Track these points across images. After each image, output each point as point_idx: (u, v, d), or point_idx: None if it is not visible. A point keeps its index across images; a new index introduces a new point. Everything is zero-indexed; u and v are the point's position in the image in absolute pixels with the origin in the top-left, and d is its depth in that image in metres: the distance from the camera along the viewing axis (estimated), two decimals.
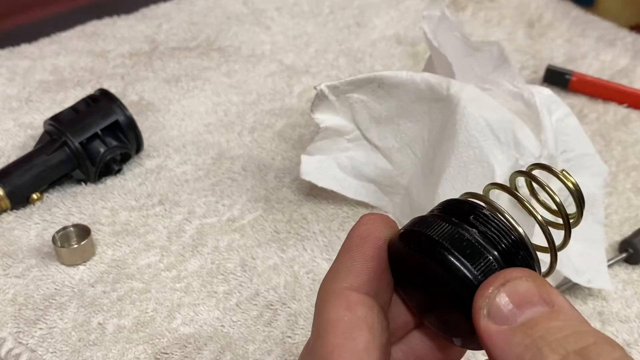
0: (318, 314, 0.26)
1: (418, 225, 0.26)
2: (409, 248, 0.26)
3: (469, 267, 0.24)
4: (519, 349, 0.22)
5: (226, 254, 0.48)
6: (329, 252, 0.48)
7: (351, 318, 0.25)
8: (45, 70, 0.69)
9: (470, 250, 0.24)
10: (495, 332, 0.23)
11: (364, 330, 0.25)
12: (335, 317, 0.25)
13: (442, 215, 0.26)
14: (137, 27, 0.76)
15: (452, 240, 0.24)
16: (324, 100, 0.49)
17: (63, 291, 0.46)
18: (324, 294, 0.26)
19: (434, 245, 0.24)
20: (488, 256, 0.24)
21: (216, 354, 0.42)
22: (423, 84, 0.47)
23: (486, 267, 0.24)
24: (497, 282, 0.23)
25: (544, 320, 0.22)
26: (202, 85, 0.66)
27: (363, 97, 0.49)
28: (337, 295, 0.26)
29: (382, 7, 0.78)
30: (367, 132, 0.50)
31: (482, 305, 0.23)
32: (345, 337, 0.24)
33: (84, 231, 0.49)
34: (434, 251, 0.24)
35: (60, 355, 0.42)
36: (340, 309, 0.25)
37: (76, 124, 0.54)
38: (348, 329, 0.25)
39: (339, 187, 0.51)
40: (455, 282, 0.24)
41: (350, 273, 0.26)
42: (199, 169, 0.56)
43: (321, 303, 0.26)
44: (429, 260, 0.25)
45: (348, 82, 0.49)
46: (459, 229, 0.25)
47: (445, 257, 0.24)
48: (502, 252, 0.24)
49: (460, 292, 0.24)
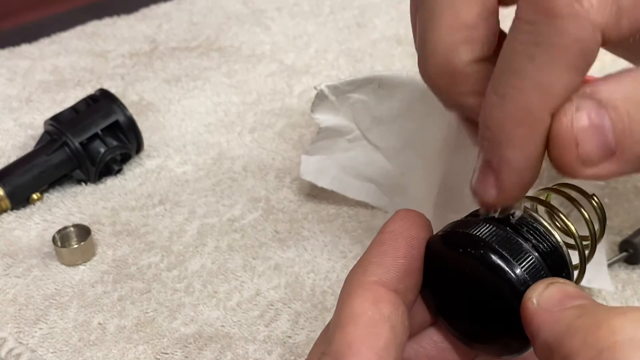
0: (342, 304, 0.25)
1: (461, 226, 0.26)
2: (451, 249, 0.25)
3: (516, 267, 0.24)
4: (570, 319, 0.22)
5: (227, 254, 0.48)
6: (329, 252, 0.48)
7: (375, 313, 0.24)
8: (46, 70, 0.69)
9: (515, 251, 0.24)
10: (546, 313, 0.23)
11: (386, 328, 0.24)
12: (359, 309, 0.24)
13: (483, 218, 0.26)
14: (137, 27, 0.76)
15: (498, 241, 0.25)
16: (324, 100, 0.49)
17: (63, 291, 0.46)
18: (351, 285, 0.26)
19: (480, 244, 0.25)
20: (533, 258, 0.24)
21: (217, 353, 0.42)
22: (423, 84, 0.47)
23: (531, 269, 0.24)
24: (545, 283, 0.24)
25: (593, 305, 0.22)
26: (202, 85, 0.66)
27: (363, 97, 0.49)
28: (365, 288, 0.25)
29: (382, 7, 0.78)
30: (368, 132, 0.50)
31: (531, 295, 0.23)
32: (366, 332, 0.24)
33: (85, 231, 0.49)
34: (480, 251, 0.24)
35: (60, 355, 0.42)
36: (366, 302, 0.25)
37: (76, 124, 0.54)
38: (371, 324, 0.24)
39: (339, 187, 0.51)
40: (500, 280, 0.24)
41: (380, 267, 0.26)
42: (199, 169, 0.56)
43: (347, 293, 0.25)
44: (474, 260, 0.24)
45: (348, 82, 0.49)
46: (502, 231, 0.25)
47: (491, 256, 0.24)
48: (544, 255, 0.25)
49: (504, 291, 0.24)
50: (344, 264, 0.47)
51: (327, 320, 0.43)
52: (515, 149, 0.24)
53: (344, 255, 0.48)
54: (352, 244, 0.49)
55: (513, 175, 0.25)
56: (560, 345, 0.22)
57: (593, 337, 0.21)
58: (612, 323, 0.21)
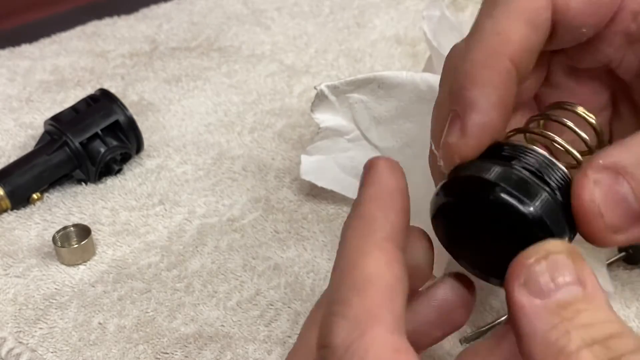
0: (353, 264, 0.25)
1: (469, 169, 0.26)
2: (464, 194, 0.26)
3: (528, 203, 0.24)
4: (547, 326, 0.22)
5: (227, 254, 0.48)
6: (329, 252, 0.48)
7: (391, 277, 0.24)
8: (46, 70, 0.69)
9: (525, 187, 0.25)
10: (529, 304, 0.23)
11: (400, 292, 0.24)
12: (376, 271, 0.24)
13: (488, 159, 0.26)
14: (137, 27, 0.76)
15: (507, 180, 0.25)
16: (324, 100, 0.50)
17: (63, 291, 0.46)
18: (359, 244, 0.25)
19: (491, 186, 0.25)
20: (543, 192, 0.25)
21: (217, 353, 0.42)
22: (423, 84, 0.47)
23: (543, 203, 0.24)
24: (538, 254, 0.23)
25: (577, 303, 0.22)
26: (202, 85, 0.66)
27: (363, 97, 0.49)
28: (377, 246, 0.25)
29: (382, 7, 0.78)
30: (367, 132, 0.50)
31: (519, 274, 0.23)
32: (385, 297, 0.24)
33: (84, 231, 0.49)
34: (493, 193, 0.25)
35: (60, 354, 0.42)
36: (380, 263, 0.24)
37: (76, 124, 0.54)
38: (389, 288, 0.24)
39: (339, 187, 0.51)
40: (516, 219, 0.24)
41: (386, 224, 0.26)
42: (199, 169, 0.56)
43: (356, 253, 0.25)
44: (488, 202, 0.25)
45: (348, 82, 0.49)
46: (509, 168, 0.25)
47: (503, 197, 0.25)
48: (553, 187, 0.25)
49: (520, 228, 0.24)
50: None
51: None
52: (478, 89, 0.26)
53: None
54: None
55: (477, 115, 0.26)
56: (531, 353, 0.22)
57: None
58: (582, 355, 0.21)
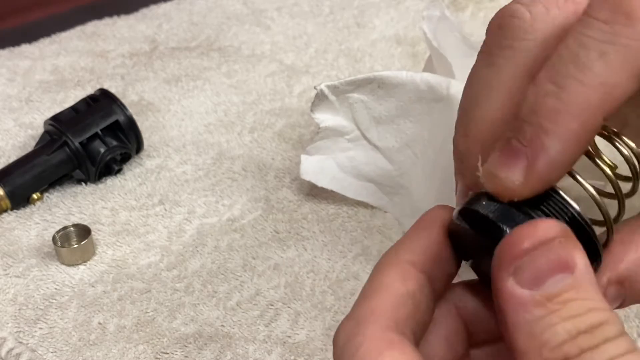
0: (372, 278, 0.26)
1: (470, 203, 0.26)
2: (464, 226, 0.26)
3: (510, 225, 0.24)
4: (532, 318, 0.22)
5: (226, 254, 0.48)
6: (329, 252, 0.48)
7: (401, 287, 0.25)
8: (46, 70, 0.69)
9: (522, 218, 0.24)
10: (516, 295, 0.23)
11: (409, 303, 0.25)
12: (388, 282, 0.25)
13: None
14: (137, 27, 0.76)
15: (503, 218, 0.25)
16: (324, 100, 0.49)
17: (63, 291, 0.46)
18: (383, 262, 0.26)
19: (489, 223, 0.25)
20: None
21: (216, 353, 0.42)
22: (423, 84, 0.47)
23: None
24: (529, 242, 0.23)
25: (564, 293, 0.22)
26: (202, 85, 0.66)
27: (363, 97, 0.49)
28: (396, 265, 0.26)
29: (382, 7, 0.78)
30: (367, 132, 0.50)
31: (509, 263, 0.23)
32: (389, 302, 0.25)
33: (84, 231, 0.49)
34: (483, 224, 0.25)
35: (60, 354, 0.42)
36: (394, 277, 0.25)
37: (76, 124, 0.54)
38: (395, 297, 0.25)
39: (339, 187, 0.51)
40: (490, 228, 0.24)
41: (413, 248, 0.26)
42: (199, 169, 0.56)
43: (377, 270, 0.26)
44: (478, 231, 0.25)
45: (348, 82, 0.49)
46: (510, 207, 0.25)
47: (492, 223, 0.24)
48: None
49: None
50: (344, 264, 0.47)
51: (327, 320, 0.43)
52: (561, 141, 0.24)
53: (343, 255, 0.48)
54: (351, 243, 0.49)
55: (547, 164, 0.24)
56: (515, 344, 0.22)
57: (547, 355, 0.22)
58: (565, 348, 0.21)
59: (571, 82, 0.24)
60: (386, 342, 0.23)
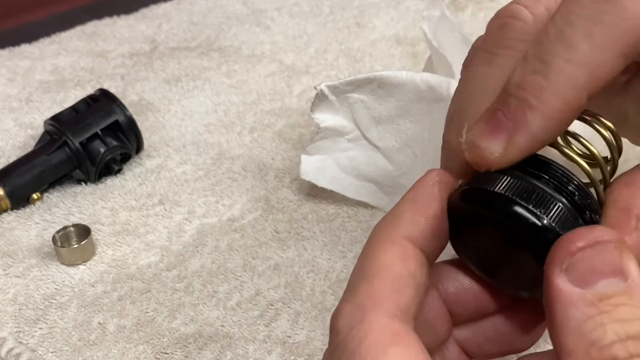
0: (369, 255, 0.25)
1: (479, 182, 0.26)
2: (473, 206, 0.25)
3: (541, 215, 0.24)
4: (582, 316, 0.22)
5: (226, 254, 0.48)
6: (329, 251, 0.48)
7: (402, 269, 0.24)
8: (46, 70, 0.69)
9: (538, 198, 0.24)
10: (567, 291, 0.22)
11: (411, 286, 0.24)
12: (387, 263, 0.25)
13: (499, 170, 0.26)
14: (137, 27, 0.76)
15: (518, 192, 0.24)
16: (324, 100, 0.49)
17: (63, 291, 0.46)
18: (380, 237, 0.26)
19: (501, 199, 0.24)
20: (558, 203, 0.24)
21: (216, 353, 0.42)
22: (423, 84, 0.47)
23: (559, 217, 0.24)
24: (585, 241, 0.23)
25: (616, 296, 0.22)
26: (202, 85, 0.66)
27: (363, 97, 0.49)
28: (394, 242, 0.25)
29: (382, 7, 0.78)
30: (367, 132, 0.50)
31: (562, 259, 0.23)
32: (392, 287, 0.24)
33: (84, 231, 0.49)
34: (503, 205, 0.24)
35: (60, 354, 0.42)
36: (394, 256, 0.25)
37: (76, 124, 0.54)
38: (397, 279, 0.24)
39: (339, 187, 0.51)
40: (529, 232, 0.24)
41: (411, 224, 0.26)
42: (199, 169, 0.56)
43: (375, 245, 0.25)
44: (498, 215, 0.24)
45: (348, 82, 0.49)
46: (522, 180, 0.25)
47: (515, 209, 0.24)
48: (569, 198, 0.24)
49: (535, 241, 0.24)
50: (344, 264, 0.47)
51: (327, 320, 0.43)
52: (544, 117, 0.24)
53: (343, 255, 0.48)
54: (351, 243, 0.49)
55: (528, 138, 0.25)
56: (563, 342, 0.22)
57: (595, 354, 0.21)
58: (614, 349, 0.21)
59: (557, 61, 0.24)
60: (391, 334, 0.23)
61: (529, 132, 0.25)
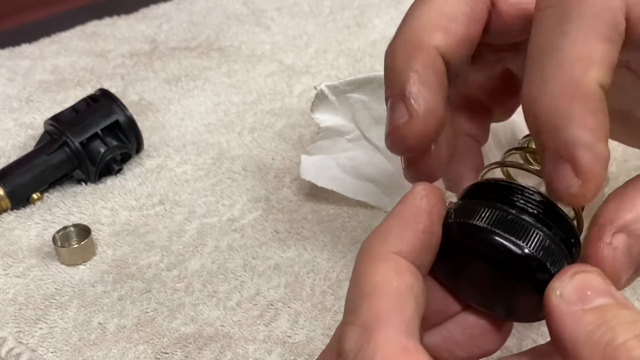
0: (362, 274, 0.25)
1: (462, 215, 0.26)
2: (460, 237, 0.26)
3: (524, 247, 0.24)
4: (589, 327, 0.22)
5: (227, 254, 0.48)
6: (329, 252, 0.48)
7: (400, 284, 0.24)
8: (46, 70, 0.69)
9: (520, 229, 0.25)
10: (567, 311, 0.23)
11: (411, 299, 0.24)
12: (383, 280, 0.24)
13: (482, 201, 0.26)
14: (137, 27, 0.76)
15: (501, 224, 0.25)
16: (324, 100, 0.50)
17: (63, 291, 0.46)
18: (370, 255, 0.25)
19: (485, 232, 0.25)
20: (539, 232, 0.25)
21: (216, 353, 0.42)
22: None
23: (540, 245, 0.24)
24: (571, 271, 0.24)
25: (614, 308, 0.23)
26: (202, 85, 0.66)
27: (363, 97, 0.49)
28: (386, 259, 0.25)
29: (382, 7, 0.78)
30: (367, 132, 0.50)
31: (555, 286, 0.23)
32: (394, 303, 0.24)
33: (84, 231, 0.49)
34: (488, 239, 0.25)
35: (60, 354, 0.42)
36: (389, 272, 0.24)
37: (76, 124, 0.54)
38: (397, 295, 0.24)
39: (339, 187, 0.51)
40: (513, 262, 0.24)
41: (400, 240, 0.25)
42: (199, 169, 0.56)
43: (366, 263, 0.25)
44: (485, 248, 0.25)
45: (348, 82, 0.49)
46: (504, 212, 0.25)
47: (499, 241, 0.25)
48: (550, 227, 0.25)
49: (520, 271, 0.25)
50: (344, 264, 0.47)
51: (327, 320, 0.43)
52: (579, 125, 0.23)
53: (343, 255, 0.48)
54: (352, 243, 0.49)
55: (588, 153, 0.24)
56: (576, 354, 0.22)
57: (610, 357, 0.21)
58: (629, 344, 0.21)
59: (549, 71, 0.24)
60: (401, 350, 0.23)
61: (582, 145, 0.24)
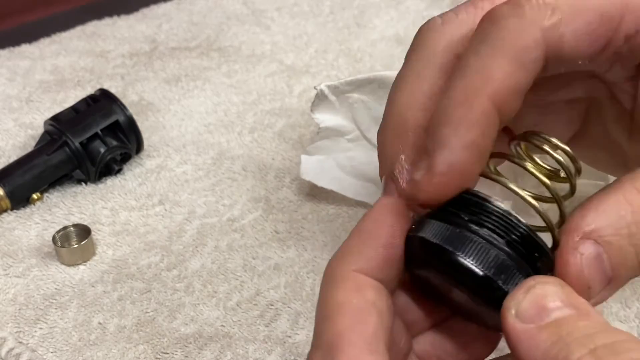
0: (324, 296, 0.25)
1: (415, 229, 0.26)
2: (412, 250, 0.26)
3: (476, 264, 0.24)
4: (545, 345, 0.22)
5: (227, 254, 0.48)
6: (329, 252, 0.48)
7: (360, 301, 0.24)
8: (46, 70, 0.69)
9: (476, 247, 0.24)
10: (522, 330, 0.23)
11: (373, 314, 0.24)
12: (343, 299, 0.25)
13: (438, 214, 0.26)
14: (137, 27, 0.76)
15: (448, 239, 0.25)
16: (324, 100, 0.50)
17: (63, 291, 0.46)
18: (331, 276, 0.26)
19: (439, 249, 0.25)
20: (497, 251, 0.24)
21: (217, 353, 0.42)
22: None
23: (496, 261, 0.24)
24: (526, 286, 0.23)
25: (571, 320, 0.22)
26: (202, 85, 0.66)
27: (363, 97, 0.49)
28: (346, 277, 0.25)
29: (382, 7, 0.78)
30: (368, 132, 0.50)
31: (510, 306, 0.23)
32: (354, 321, 0.24)
33: (84, 231, 0.49)
34: (442, 255, 0.25)
35: (60, 354, 0.42)
36: (349, 291, 0.25)
37: (76, 124, 0.54)
38: (357, 312, 0.24)
39: (339, 187, 0.51)
40: (468, 280, 0.24)
41: (360, 257, 0.26)
42: (199, 169, 0.56)
43: (327, 285, 0.25)
44: (437, 262, 0.25)
45: (348, 82, 0.49)
46: (454, 227, 0.25)
47: (452, 259, 0.24)
48: (510, 244, 0.25)
49: (476, 288, 0.24)
50: None
51: None
52: (452, 128, 0.25)
53: None
54: None
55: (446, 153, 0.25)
56: None
57: None
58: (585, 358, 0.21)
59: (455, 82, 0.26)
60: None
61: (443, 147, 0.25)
